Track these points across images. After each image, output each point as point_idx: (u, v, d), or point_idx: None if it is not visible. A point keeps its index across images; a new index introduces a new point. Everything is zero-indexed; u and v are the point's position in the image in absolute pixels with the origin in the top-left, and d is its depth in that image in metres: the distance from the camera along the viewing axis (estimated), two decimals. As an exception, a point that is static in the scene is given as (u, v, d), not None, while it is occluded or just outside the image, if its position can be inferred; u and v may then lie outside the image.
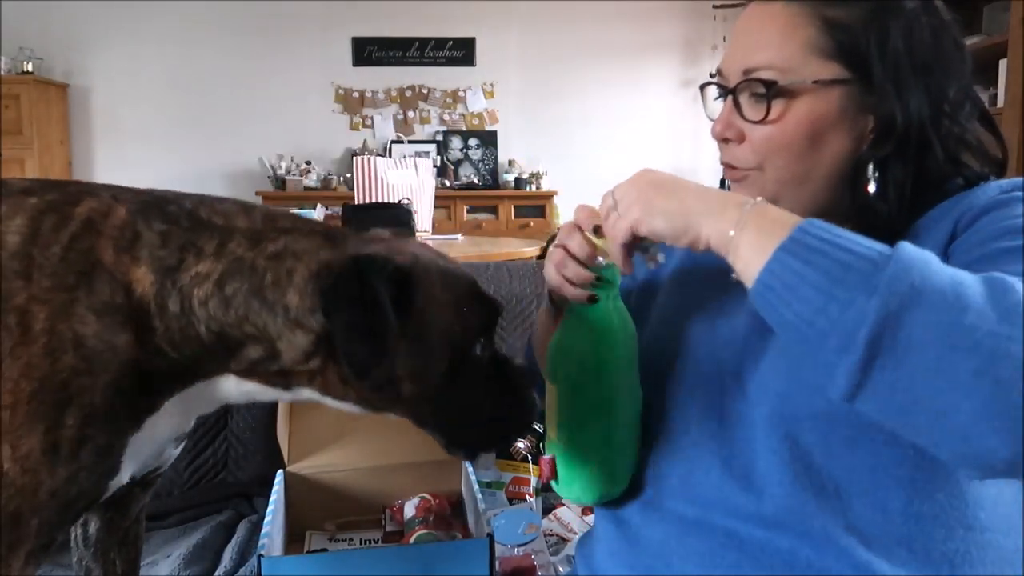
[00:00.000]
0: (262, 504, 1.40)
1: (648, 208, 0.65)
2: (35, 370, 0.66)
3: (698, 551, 0.73)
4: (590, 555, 0.87)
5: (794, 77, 0.70)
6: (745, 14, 0.75)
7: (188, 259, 0.70)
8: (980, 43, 3.31)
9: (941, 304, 0.50)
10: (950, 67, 0.71)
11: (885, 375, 0.51)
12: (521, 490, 1.39)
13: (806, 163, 0.71)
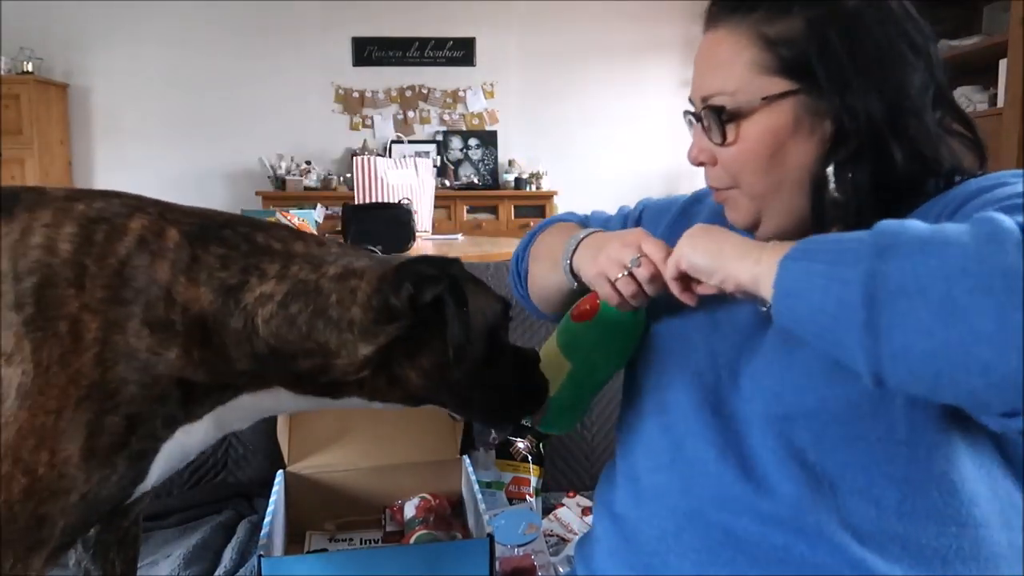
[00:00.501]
0: (262, 504, 1.40)
1: (692, 246, 0.70)
2: (84, 378, 0.67)
3: (695, 548, 0.73)
4: (589, 555, 0.87)
5: (743, 97, 0.72)
6: (700, 46, 0.78)
7: (251, 280, 0.74)
8: (980, 43, 3.31)
9: (921, 246, 0.52)
10: (903, 62, 0.71)
11: (893, 333, 0.51)
12: (521, 490, 1.39)
13: (774, 175, 0.74)
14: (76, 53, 5.23)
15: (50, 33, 5.12)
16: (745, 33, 0.73)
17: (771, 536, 0.69)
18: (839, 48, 0.70)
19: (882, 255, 0.53)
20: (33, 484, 0.66)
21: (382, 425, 1.36)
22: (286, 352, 0.75)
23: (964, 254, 0.49)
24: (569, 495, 1.42)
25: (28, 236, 0.68)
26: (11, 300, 0.66)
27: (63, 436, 0.67)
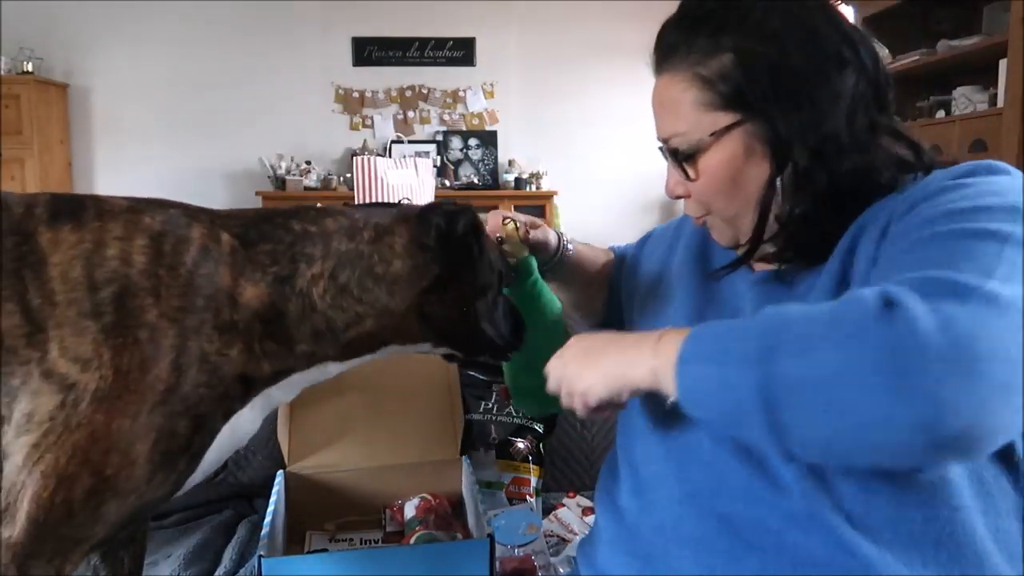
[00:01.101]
0: (262, 504, 1.40)
1: (585, 383, 0.72)
2: (162, 383, 0.70)
3: (693, 536, 0.75)
4: (592, 550, 0.89)
5: (695, 136, 0.77)
6: (653, 91, 0.83)
7: (301, 267, 0.80)
8: (980, 43, 3.31)
9: (801, 348, 0.56)
10: (826, 74, 0.73)
11: (792, 431, 0.56)
12: (521, 490, 1.39)
13: (739, 199, 0.78)
14: (76, 53, 5.23)
15: (50, 33, 5.12)
16: (684, 76, 0.77)
17: (767, 521, 0.70)
18: (763, 74, 0.74)
19: (769, 358, 0.57)
20: (98, 485, 0.68)
21: (382, 425, 1.36)
22: (342, 323, 0.81)
23: (838, 353, 0.54)
24: (569, 495, 1.42)
25: (102, 248, 0.71)
26: (87, 308, 0.69)
27: (137, 439, 0.69)
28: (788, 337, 0.57)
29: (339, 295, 0.81)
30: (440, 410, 1.39)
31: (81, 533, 0.70)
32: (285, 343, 0.79)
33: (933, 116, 3.58)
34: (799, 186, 0.75)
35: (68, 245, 0.70)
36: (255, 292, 0.77)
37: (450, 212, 0.84)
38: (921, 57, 3.60)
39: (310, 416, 1.35)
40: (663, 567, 0.77)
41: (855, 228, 0.73)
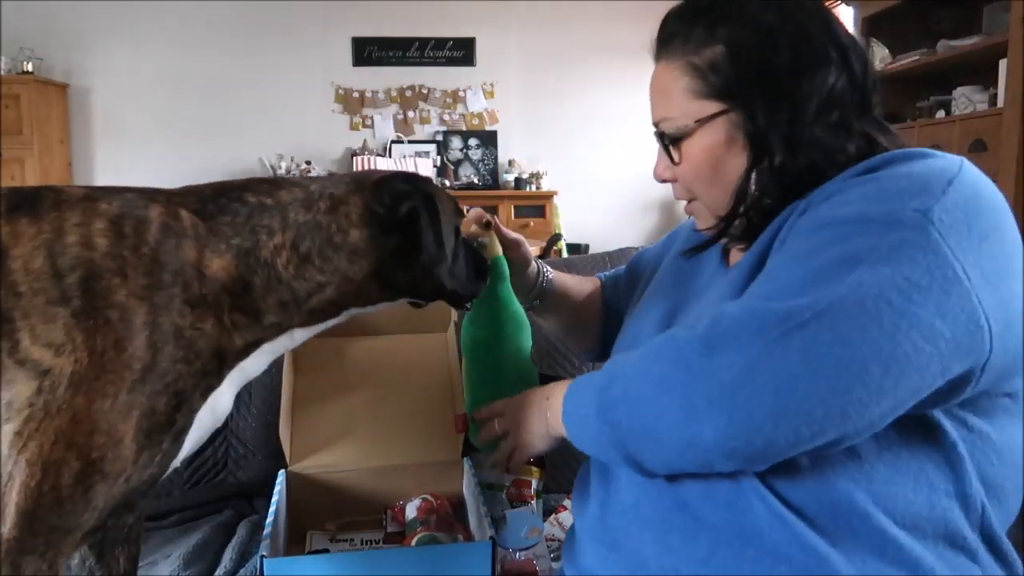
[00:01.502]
0: (262, 504, 1.39)
1: (524, 442, 0.92)
2: (138, 361, 0.71)
3: (651, 518, 0.78)
4: (571, 548, 0.92)
5: (682, 121, 0.81)
6: (651, 77, 0.87)
7: (262, 239, 0.82)
8: (980, 43, 3.31)
9: (628, 403, 0.72)
10: (810, 71, 0.77)
11: (645, 458, 0.73)
12: (522, 492, 1.38)
13: (720, 185, 0.82)
14: (76, 53, 5.23)
15: (50, 33, 5.12)
16: (679, 63, 0.82)
17: (716, 498, 0.73)
18: (750, 68, 0.78)
19: (607, 412, 0.74)
20: (85, 468, 0.69)
21: (384, 426, 1.36)
22: (305, 292, 0.84)
23: (654, 400, 0.69)
24: (570, 497, 1.42)
25: (62, 236, 0.72)
26: (55, 296, 0.69)
27: (119, 419, 0.70)
28: (614, 393, 0.74)
29: (302, 265, 0.83)
30: (442, 411, 1.39)
31: (71, 521, 0.70)
32: (253, 315, 0.81)
33: (933, 116, 3.58)
34: (772, 178, 0.78)
35: (28, 237, 0.71)
36: (221, 264, 0.79)
37: (397, 192, 0.86)
38: (921, 57, 3.60)
39: (312, 416, 1.35)
40: (627, 550, 0.80)
41: (792, 206, 0.76)
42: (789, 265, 0.69)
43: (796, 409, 0.61)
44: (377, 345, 1.43)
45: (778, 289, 0.66)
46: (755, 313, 0.65)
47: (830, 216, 0.69)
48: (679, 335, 0.70)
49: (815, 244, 0.68)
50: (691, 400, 0.65)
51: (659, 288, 0.99)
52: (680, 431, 0.67)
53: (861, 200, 0.68)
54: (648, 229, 5.76)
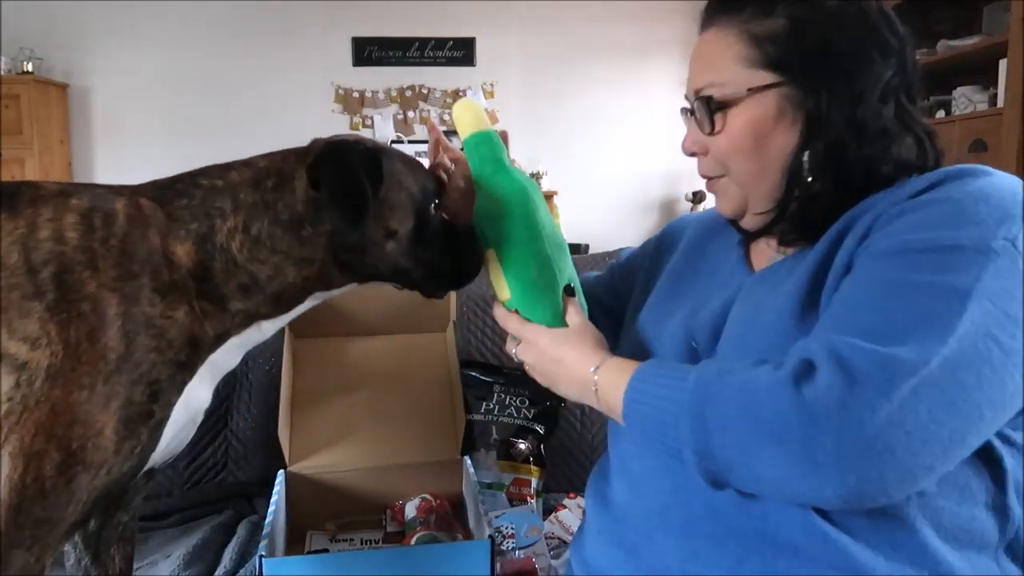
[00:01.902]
0: (262, 504, 1.39)
1: (546, 384, 0.87)
2: (112, 351, 0.72)
3: (679, 523, 0.77)
4: (580, 547, 0.90)
5: (731, 89, 0.78)
6: (695, 46, 0.85)
7: (216, 222, 0.81)
8: (980, 43, 3.31)
9: (722, 427, 0.65)
10: (871, 61, 0.75)
11: (723, 478, 0.67)
12: (521, 491, 1.39)
13: (758, 162, 0.79)
14: (76, 53, 5.23)
15: (50, 33, 5.12)
16: (734, 31, 0.79)
17: (751, 509, 0.72)
18: (816, 46, 0.75)
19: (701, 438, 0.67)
20: (67, 459, 0.70)
21: (383, 425, 1.36)
22: (264, 276, 0.83)
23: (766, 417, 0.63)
24: (570, 496, 1.42)
25: (36, 231, 0.73)
26: (30, 290, 0.71)
27: (97, 409, 0.71)
28: (714, 414, 0.66)
29: (255, 248, 0.82)
30: (441, 410, 1.39)
31: (56, 514, 0.71)
32: (219, 302, 0.81)
33: (933, 116, 3.58)
34: (822, 164, 0.76)
35: (5, 232, 0.72)
36: (184, 250, 0.79)
37: (329, 158, 0.83)
38: (921, 57, 3.60)
39: (311, 416, 1.35)
40: (647, 555, 0.79)
41: (846, 218, 0.75)
42: (885, 295, 0.65)
43: (923, 463, 0.60)
44: (376, 345, 1.43)
45: (885, 326, 0.63)
46: (881, 363, 0.60)
47: (916, 240, 0.66)
48: (789, 376, 0.63)
49: (907, 272, 0.65)
50: (813, 457, 0.60)
51: (673, 287, 0.95)
52: (795, 483, 0.62)
53: (945, 223, 0.66)
54: (648, 229, 5.76)
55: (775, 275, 0.80)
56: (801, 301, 0.73)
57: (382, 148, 0.88)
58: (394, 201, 0.86)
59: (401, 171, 0.88)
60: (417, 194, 0.89)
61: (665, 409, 0.70)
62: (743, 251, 0.89)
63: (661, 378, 0.73)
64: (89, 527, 0.93)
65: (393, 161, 0.88)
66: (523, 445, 1.41)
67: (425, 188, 0.91)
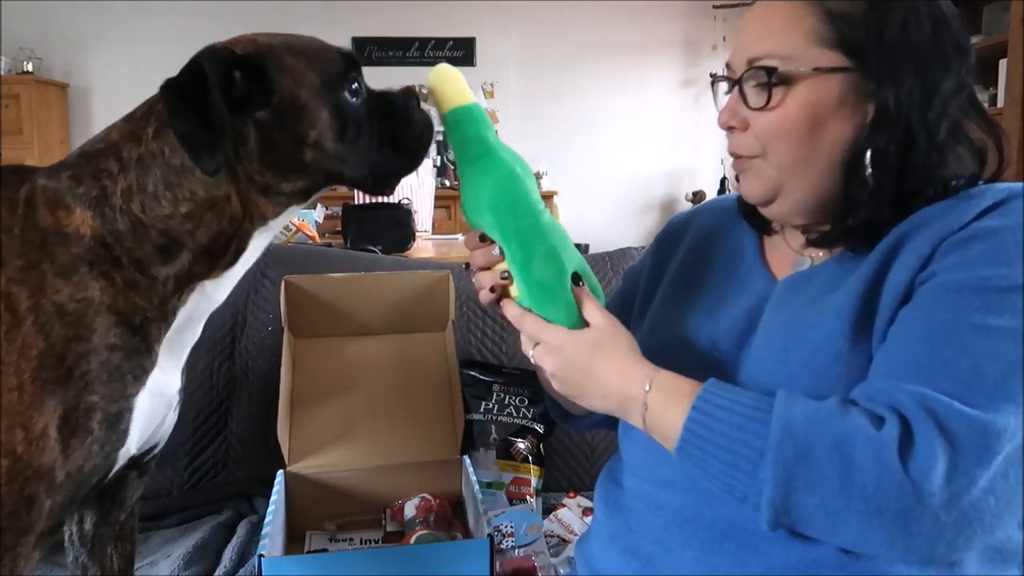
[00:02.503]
0: (262, 504, 1.40)
1: (569, 394, 0.77)
2: (31, 348, 0.69)
3: (698, 537, 0.74)
4: (589, 550, 0.88)
5: (795, 64, 0.72)
6: (750, 10, 0.78)
7: (108, 184, 0.75)
8: (980, 43, 3.31)
9: (812, 487, 0.61)
10: (947, 61, 0.72)
11: (793, 527, 0.64)
12: (521, 491, 1.39)
13: (806, 148, 0.73)
14: (76, 53, 5.23)
15: (50, 33, 5.12)
16: (807, 3, 0.73)
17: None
18: (895, 35, 0.70)
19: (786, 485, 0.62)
20: (15, 465, 0.67)
21: (383, 425, 1.35)
22: (179, 228, 0.76)
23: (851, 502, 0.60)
24: (570, 495, 1.42)
25: None
26: None
27: (31, 410, 0.68)
28: (804, 472, 0.61)
29: (157, 203, 0.75)
30: (440, 410, 1.39)
31: (19, 522, 0.69)
32: (141, 269, 0.75)
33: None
34: (884, 163, 0.71)
35: None
36: (79, 218, 0.74)
37: (177, 81, 0.75)
38: (921, 57, 3.59)
39: (310, 416, 1.35)
40: (662, 566, 0.77)
41: (899, 232, 0.71)
42: (969, 340, 0.63)
43: (1003, 524, 0.62)
44: (376, 345, 1.43)
45: (976, 381, 0.61)
46: (981, 432, 0.59)
47: (994, 276, 0.64)
48: (893, 444, 0.60)
49: (987, 314, 0.63)
50: (908, 528, 0.59)
51: (683, 285, 0.90)
52: (879, 547, 0.61)
53: (1002, 261, 0.64)
54: (648, 229, 5.76)
55: (811, 284, 0.76)
56: (853, 323, 0.69)
57: (266, 46, 0.78)
58: (295, 103, 0.77)
59: (293, 66, 0.77)
60: (323, 84, 0.79)
61: (739, 453, 0.64)
62: (759, 246, 0.86)
63: (733, 414, 0.66)
64: (85, 526, 0.92)
65: (280, 57, 0.77)
66: (522, 444, 1.41)
67: (331, 72, 0.80)
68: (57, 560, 1.14)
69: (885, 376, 0.65)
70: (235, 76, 0.74)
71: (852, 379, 0.68)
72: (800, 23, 0.72)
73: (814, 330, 0.71)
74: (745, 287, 0.83)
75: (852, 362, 0.68)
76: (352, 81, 0.82)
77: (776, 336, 0.75)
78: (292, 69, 0.77)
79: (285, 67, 0.77)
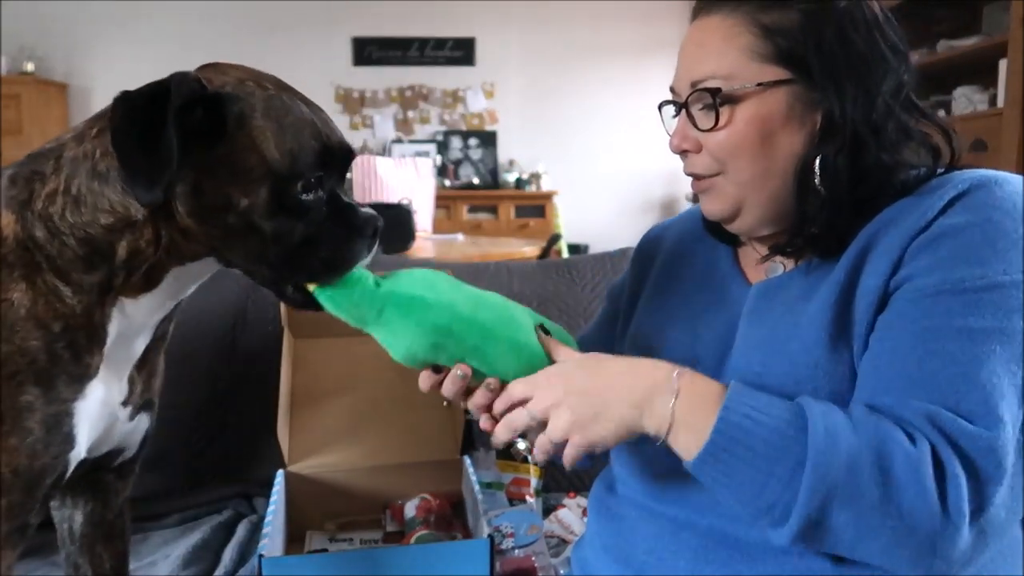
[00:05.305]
0: (262, 504, 1.39)
1: (596, 435, 0.69)
2: None
3: (691, 546, 0.74)
4: (584, 558, 0.88)
5: (738, 82, 0.73)
6: (688, 33, 0.78)
7: (36, 187, 0.73)
8: (980, 43, 3.31)
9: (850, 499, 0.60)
10: (885, 63, 0.72)
11: (815, 543, 0.63)
12: (521, 491, 1.39)
13: (763, 163, 0.74)
14: (76, 53, 5.23)
15: (50, 33, 5.12)
16: (741, 20, 0.73)
17: (770, 541, 0.69)
18: (833, 43, 0.71)
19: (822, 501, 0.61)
20: None
21: (383, 425, 1.35)
22: (99, 239, 0.72)
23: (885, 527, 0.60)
24: (570, 496, 1.42)
25: None
26: None
27: None
28: (840, 491, 0.61)
29: (76, 208, 0.72)
30: (441, 410, 1.39)
31: None
32: (62, 276, 0.73)
33: (933, 116, 3.57)
34: (836, 169, 0.71)
35: None
36: (4, 221, 0.72)
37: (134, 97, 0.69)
38: (921, 57, 3.59)
39: (310, 416, 1.35)
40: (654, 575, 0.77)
41: (866, 234, 0.71)
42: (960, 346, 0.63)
43: (1011, 526, 0.65)
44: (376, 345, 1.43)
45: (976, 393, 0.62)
46: (990, 451, 0.60)
47: (969, 276, 0.64)
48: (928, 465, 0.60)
49: (970, 316, 0.63)
50: (934, 549, 0.60)
51: (661, 301, 0.90)
52: (901, 564, 0.62)
53: (994, 253, 0.65)
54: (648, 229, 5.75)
55: (785, 292, 0.76)
56: (830, 332, 0.69)
57: (244, 93, 0.73)
58: (239, 163, 0.70)
59: (260, 127, 0.71)
60: (278, 161, 0.71)
61: (776, 459, 0.62)
62: (733, 256, 0.86)
63: (771, 417, 0.64)
64: (74, 525, 0.93)
65: (251, 112, 0.71)
66: (522, 445, 1.41)
67: (295, 156, 0.71)
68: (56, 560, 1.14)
69: (879, 391, 0.65)
70: (196, 111, 0.69)
71: (833, 390, 0.68)
72: (737, 40, 0.73)
73: (791, 341, 0.72)
74: (723, 297, 0.83)
75: (832, 371, 0.69)
76: (315, 178, 0.73)
77: (755, 349, 0.75)
78: (255, 130, 0.71)
79: (249, 125, 0.71)
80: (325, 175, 0.75)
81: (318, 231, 0.73)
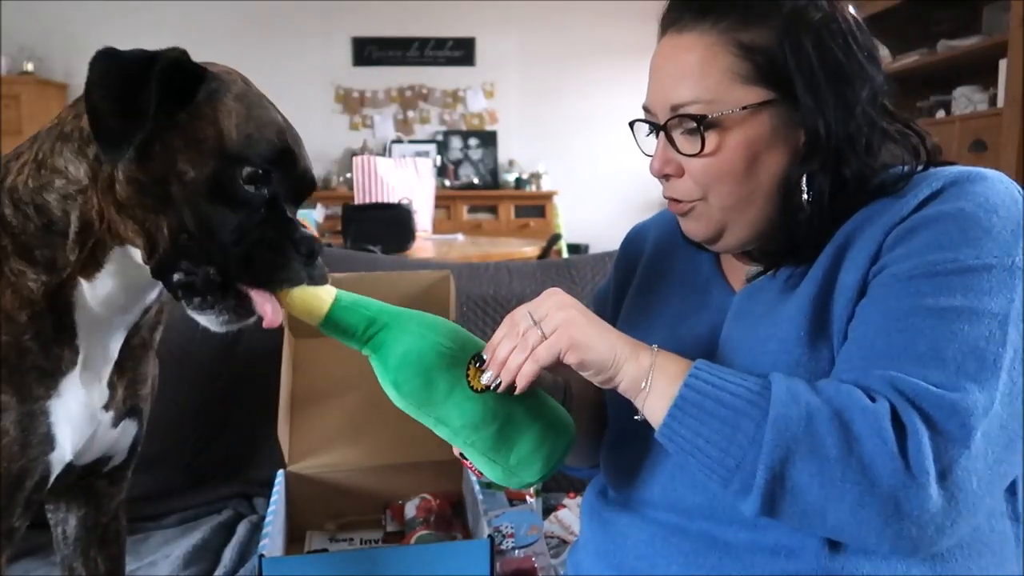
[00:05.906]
0: (262, 504, 1.40)
1: (581, 340, 0.69)
2: None
3: (682, 551, 0.75)
4: (577, 562, 0.89)
5: (722, 107, 0.70)
6: (660, 49, 0.76)
7: (10, 164, 0.74)
8: (980, 43, 3.31)
9: (811, 453, 0.61)
10: (863, 72, 0.72)
11: (784, 507, 0.63)
12: (521, 491, 1.39)
13: (748, 186, 0.73)
14: (76, 53, 5.22)
15: (50, 33, 5.12)
16: (718, 39, 0.71)
17: (759, 543, 0.70)
18: (813, 57, 0.70)
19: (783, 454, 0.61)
20: None
21: (383, 425, 1.35)
22: (50, 208, 0.72)
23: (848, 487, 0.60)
24: (570, 496, 1.42)
25: None
26: None
27: None
28: (801, 444, 0.61)
29: (36, 173, 0.73)
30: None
31: None
32: (25, 255, 0.73)
33: (933, 116, 3.58)
34: (819, 184, 0.71)
35: None
36: None
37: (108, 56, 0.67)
38: (921, 57, 3.59)
39: (311, 416, 1.35)
40: None
41: (844, 233, 0.72)
42: (927, 324, 0.63)
43: (985, 503, 0.62)
44: (376, 345, 1.43)
45: (937, 361, 0.62)
46: (951, 410, 0.60)
47: (941, 260, 0.65)
48: (887, 418, 0.60)
49: (940, 296, 0.64)
50: (900, 509, 0.59)
51: (644, 303, 0.89)
52: (866, 531, 0.61)
53: (966, 240, 0.65)
54: (648, 229, 5.76)
55: (766, 294, 0.76)
56: (809, 329, 0.69)
57: (221, 77, 0.72)
58: (196, 133, 0.69)
59: (228, 106, 0.70)
60: (233, 140, 0.70)
61: (742, 411, 0.63)
62: (714, 259, 0.85)
63: (733, 380, 0.66)
64: (68, 528, 0.93)
65: (223, 91, 0.71)
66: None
67: (251, 144, 0.70)
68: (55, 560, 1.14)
69: (847, 368, 0.66)
70: (176, 79, 0.68)
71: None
72: (716, 62, 0.71)
73: (771, 341, 0.72)
74: (705, 301, 0.83)
75: (813, 368, 0.69)
76: (263, 171, 0.71)
77: (737, 350, 0.76)
78: (222, 107, 0.70)
79: (218, 101, 0.70)
80: (275, 175, 0.72)
81: (249, 229, 0.70)
